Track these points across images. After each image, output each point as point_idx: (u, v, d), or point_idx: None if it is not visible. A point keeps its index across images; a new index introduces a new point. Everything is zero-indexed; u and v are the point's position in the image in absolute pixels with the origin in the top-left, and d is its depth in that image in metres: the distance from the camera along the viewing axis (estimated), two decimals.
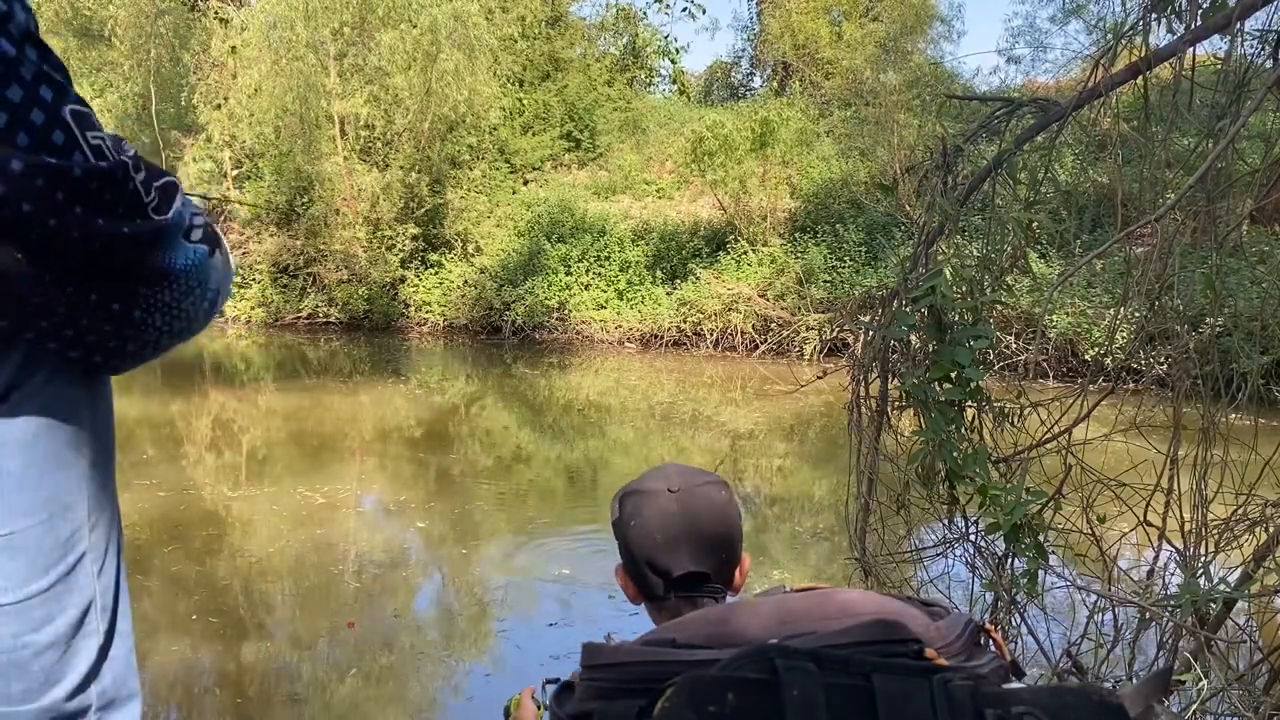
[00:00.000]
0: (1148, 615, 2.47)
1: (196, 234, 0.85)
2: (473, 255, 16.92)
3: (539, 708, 1.30)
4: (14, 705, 0.75)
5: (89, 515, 0.79)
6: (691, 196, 17.37)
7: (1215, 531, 2.54)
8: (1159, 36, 2.42)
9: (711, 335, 14.33)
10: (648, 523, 1.15)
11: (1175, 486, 2.64)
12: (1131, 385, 3.56)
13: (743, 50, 24.84)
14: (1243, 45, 2.28)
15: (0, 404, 0.73)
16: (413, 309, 16.86)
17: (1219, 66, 2.37)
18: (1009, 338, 9.94)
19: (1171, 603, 2.31)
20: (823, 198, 15.41)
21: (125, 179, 0.75)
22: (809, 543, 6.23)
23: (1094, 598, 2.59)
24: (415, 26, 16.12)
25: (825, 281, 13.88)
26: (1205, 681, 1.99)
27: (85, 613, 0.79)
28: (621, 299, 15.38)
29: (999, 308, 2.79)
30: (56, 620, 0.76)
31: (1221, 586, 2.30)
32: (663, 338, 14.74)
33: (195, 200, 0.92)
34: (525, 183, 18.96)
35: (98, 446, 0.81)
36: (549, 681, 1.41)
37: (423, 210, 16.98)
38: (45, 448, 0.75)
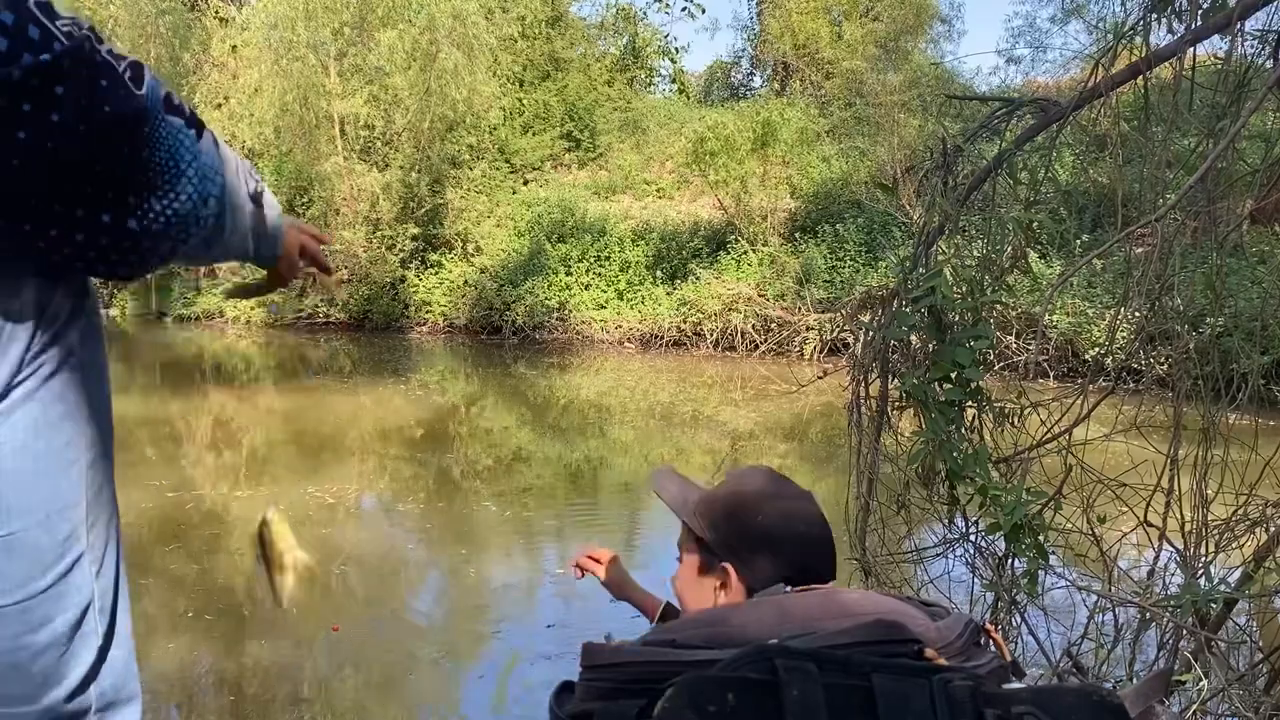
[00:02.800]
0: (1148, 615, 2.47)
1: (177, 118, 0.80)
2: (473, 255, 16.92)
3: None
4: (13, 707, 0.75)
5: (87, 515, 0.79)
6: (691, 196, 17.37)
7: (1215, 532, 2.54)
8: (1159, 36, 2.42)
9: (711, 335, 14.33)
10: (810, 530, 1.23)
11: (1175, 487, 2.64)
12: (1131, 385, 3.56)
13: (743, 50, 24.85)
14: (1243, 45, 2.28)
15: None
16: (413, 309, 16.86)
17: (1219, 66, 2.37)
18: (1009, 338, 9.94)
19: (1172, 603, 2.31)
20: (823, 198, 15.41)
21: (94, 51, 0.72)
22: None
23: (1094, 598, 2.59)
24: (414, 25, 16.12)
25: (825, 281, 13.87)
26: (1205, 682, 1.99)
27: (84, 614, 0.78)
28: (621, 299, 15.37)
29: (999, 308, 2.79)
30: (55, 621, 0.76)
31: (1222, 587, 2.30)
32: (663, 338, 14.73)
33: None
34: (525, 183, 18.96)
35: (97, 447, 0.81)
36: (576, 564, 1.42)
37: (423, 210, 16.98)
38: (44, 448, 0.75)
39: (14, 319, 0.73)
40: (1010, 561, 2.58)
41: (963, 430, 2.52)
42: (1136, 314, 2.91)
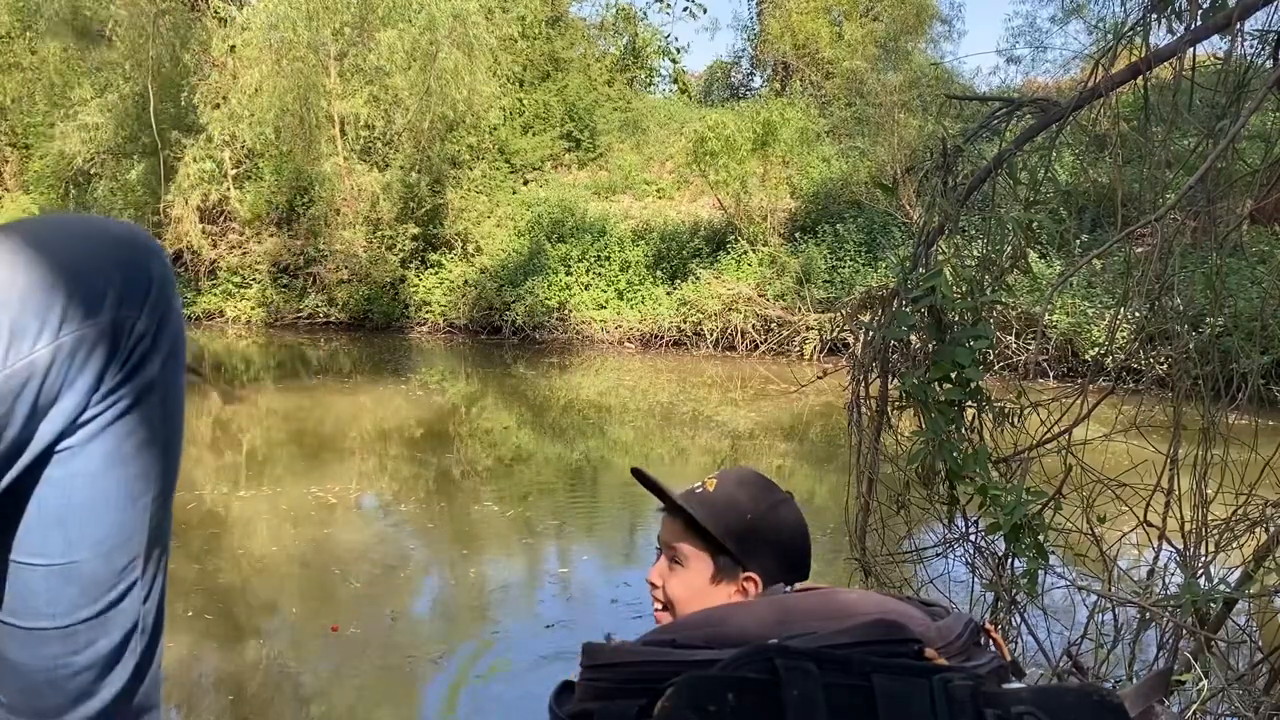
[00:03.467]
0: (1148, 615, 2.47)
1: None
2: (473, 255, 16.92)
3: None
4: (44, 718, 0.76)
5: (146, 546, 0.79)
6: (691, 196, 17.37)
7: (1215, 531, 2.54)
8: (1159, 36, 2.42)
9: (711, 335, 14.33)
10: (799, 531, 1.28)
11: (1175, 486, 2.64)
12: (1131, 385, 3.56)
13: (743, 50, 24.85)
14: (1243, 45, 2.28)
15: (69, 435, 0.71)
16: (413, 309, 16.86)
17: (1219, 66, 2.37)
18: (1009, 338, 9.94)
19: (1171, 603, 2.31)
20: (823, 198, 15.41)
21: None
22: None
23: (1094, 598, 2.59)
24: (414, 25, 16.13)
25: (825, 281, 13.87)
26: (1205, 681, 1.99)
27: (128, 636, 0.79)
28: (622, 299, 15.37)
29: (999, 308, 2.79)
30: (99, 643, 0.76)
31: (1221, 586, 2.30)
32: (663, 338, 14.73)
33: None
34: (525, 183, 18.96)
35: (165, 480, 0.80)
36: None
37: (423, 210, 16.98)
38: (115, 482, 0.74)
39: (87, 344, 0.70)
40: (1010, 561, 2.58)
41: (963, 430, 2.53)
42: (1136, 314, 2.91)
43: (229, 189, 17.88)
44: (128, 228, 0.77)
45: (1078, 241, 11.03)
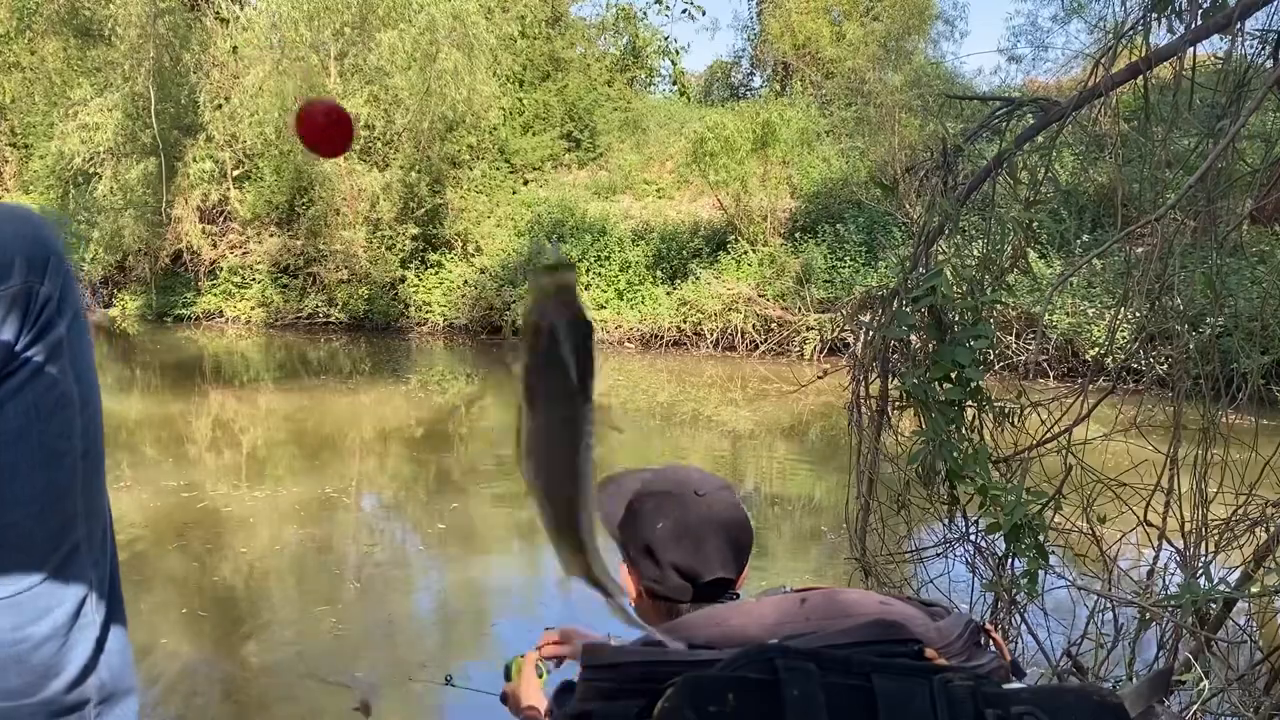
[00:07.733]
0: (1148, 615, 2.47)
1: None
2: (473, 255, 16.91)
3: (541, 675, 1.35)
4: (14, 700, 0.76)
5: (81, 506, 0.80)
6: (691, 196, 17.36)
7: (1215, 531, 2.54)
8: (1159, 36, 2.43)
9: (711, 335, 14.32)
10: (677, 527, 1.13)
11: (1175, 486, 2.64)
12: (1131, 385, 3.56)
13: (743, 50, 24.86)
14: (1243, 45, 2.28)
15: None
16: (413, 309, 16.86)
17: (1219, 66, 2.37)
18: (1009, 338, 9.94)
19: (1172, 603, 2.31)
20: (823, 197, 15.40)
21: None
22: (809, 543, 6.23)
23: (1094, 598, 2.59)
24: (414, 25, 16.12)
25: (825, 281, 13.87)
26: (1205, 681, 1.99)
27: (82, 604, 0.79)
28: (621, 299, 15.37)
29: (999, 308, 2.79)
30: (54, 612, 0.77)
31: (1221, 586, 2.30)
32: (663, 338, 14.73)
33: None
34: (525, 183, 18.94)
35: (88, 439, 0.82)
36: (546, 657, 1.43)
37: (423, 210, 16.98)
38: (37, 440, 0.76)
39: (3, 307, 0.75)
40: (1010, 561, 2.58)
41: (963, 430, 2.52)
42: (1136, 314, 2.91)
43: (229, 189, 17.87)
44: (23, 207, 0.83)
45: (1078, 241, 11.04)
